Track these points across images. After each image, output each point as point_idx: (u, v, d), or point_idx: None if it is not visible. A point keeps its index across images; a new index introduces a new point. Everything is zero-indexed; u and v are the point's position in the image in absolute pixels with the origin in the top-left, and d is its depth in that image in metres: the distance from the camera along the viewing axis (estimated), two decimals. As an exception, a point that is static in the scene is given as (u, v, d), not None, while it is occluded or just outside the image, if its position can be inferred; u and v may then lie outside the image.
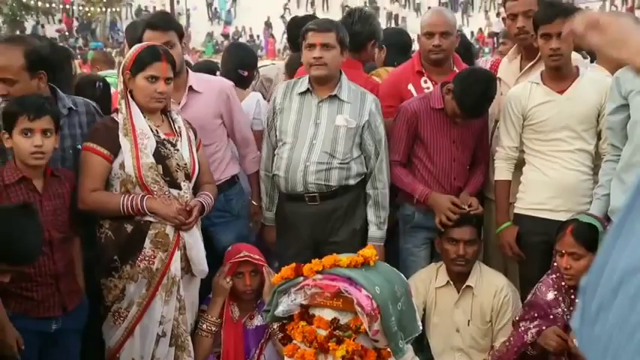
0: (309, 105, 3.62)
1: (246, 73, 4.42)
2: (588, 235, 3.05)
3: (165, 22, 3.59)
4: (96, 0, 35.57)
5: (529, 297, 3.33)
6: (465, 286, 3.65)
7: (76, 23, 36.68)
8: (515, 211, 3.66)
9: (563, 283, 3.16)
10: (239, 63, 4.46)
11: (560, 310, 3.17)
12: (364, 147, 3.65)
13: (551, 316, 3.17)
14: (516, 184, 3.68)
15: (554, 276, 3.21)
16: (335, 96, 3.60)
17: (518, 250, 3.63)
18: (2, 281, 2.62)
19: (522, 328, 3.27)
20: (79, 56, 18.18)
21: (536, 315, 3.22)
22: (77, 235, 3.21)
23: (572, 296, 3.14)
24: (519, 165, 3.69)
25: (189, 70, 3.72)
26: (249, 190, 3.98)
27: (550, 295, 3.20)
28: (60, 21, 36.64)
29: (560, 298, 3.17)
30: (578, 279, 3.08)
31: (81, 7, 36.86)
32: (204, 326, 3.45)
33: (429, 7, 29.35)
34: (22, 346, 2.90)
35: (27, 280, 2.95)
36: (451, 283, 3.68)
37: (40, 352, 3.03)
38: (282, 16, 35.03)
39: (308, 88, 3.62)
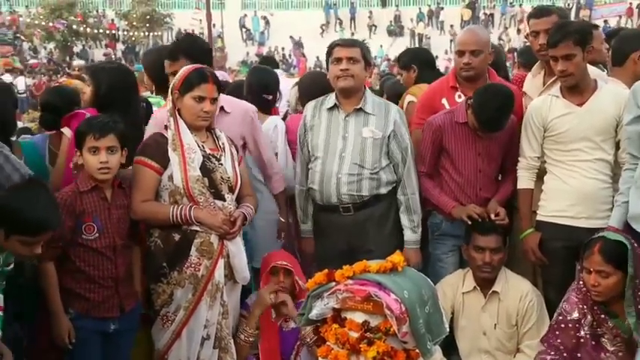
0: (336, 120, 3.68)
1: (269, 97, 4.34)
2: (616, 253, 3.02)
3: (175, 52, 3.60)
4: (139, 25, 36.12)
5: (555, 317, 3.29)
6: (491, 291, 3.65)
7: (122, 47, 37.25)
8: (538, 218, 3.65)
9: (586, 304, 3.12)
10: (264, 87, 4.35)
11: (583, 332, 3.13)
12: (392, 156, 3.68)
13: (574, 340, 3.13)
14: (539, 192, 3.67)
15: (577, 294, 3.17)
16: (360, 109, 3.65)
17: (541, 255, 3.61)
18: (36, 253, 2.68)
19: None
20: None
21: (559, 345, 3.18)
22: (136, 244, 3.31)
23: (598, 312, 3.11)
24: (541, 174, 3.68)
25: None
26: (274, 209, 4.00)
27: (575, 315, 3.16)
28: (106, 45, 37.28)
29: (585, 317, 3.13)
30: (607, 296, 3.08)
31: (125, 32, 37.45)
32: (242, 337, 3.48)
33: (451, 26, 29.14)
34: (73, 339, 3.00)
35: (91, 282, 3.08)
36: (478, 288, 3.68)
37: (99, 350, 3.13)
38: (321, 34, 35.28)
39: (335, 104, 3.67)
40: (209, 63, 3.53)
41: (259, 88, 4.30)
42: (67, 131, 3.45)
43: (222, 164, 3.28)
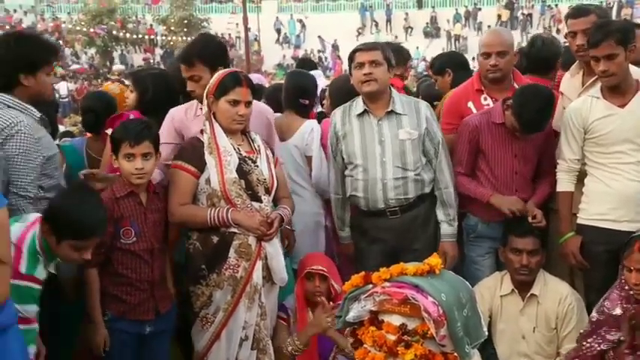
0: (369, 125, 3.65)
1: (307, 102, 4.32)
2: None
3: (189, 56, 3.50)
4: (177, 29, 36.59)
5: (595, 314, 3.24)
6: (529, 294, 3.61)
7: (160, 51, 37.76)
8: (579, 221, 3.59)
9: (629, 302, 3.07)
10: (300, 91, 4.30)
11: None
12: (426, 152, 3.67)
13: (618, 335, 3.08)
14: (579, 194, 3.61)
15: (620, 291, 3.13)
16: (392, 111, 3.63)
17: (582, 259, 3.55)
18: (86, 259, 2.73)
19: (586, 346, 3.19)
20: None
21: (604, 334, 3.13)
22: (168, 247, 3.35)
23: None
24: (581, 177, 3.62)
25: None
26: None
27: (618, 311, 3.12)
28: (145, 50, 37.85)
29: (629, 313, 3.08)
30: None
31: (164, 37, 37.96)
32: (290, 349, 3.41)
33: (489, 26, 28.75)
34: (107, 347, 3.06)
35: (128, 285, 3.13)
36: (516, 291, 3.64)
37: (134, 352, 3.18)
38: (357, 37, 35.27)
39: (365, 109, 3.65)
40: (225, 64, 3.50)
41: (295, 92, 4.29)
42: (110, 132, 3.55)
43: (257, 166, 3.30)
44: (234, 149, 3.26)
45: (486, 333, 2.71)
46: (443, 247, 3.67)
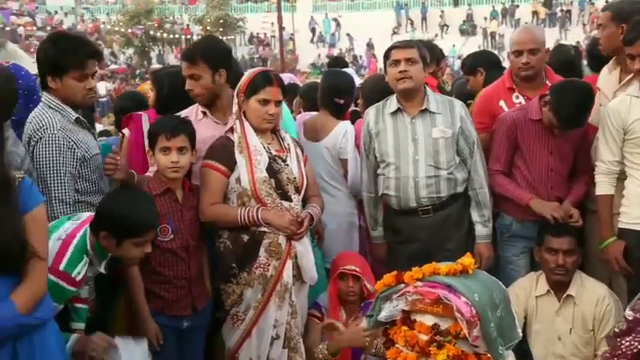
0: (402, 123, 3.63)
1: (342, 102, 4.26)
2: None
3: (193, 54, 3.42)
4: (213, 29, 36.94)
5: (630, 311, 3.15)
6: (565, 295, 3.55)
7: (196, 51, 38.15)
8: (620, 225, 3.49)
9: None
10: (335, 91, 4.24)
11: None
12: (460, 152, 3.64)
13: None
14: (619, 196, 3.52)
15: None
16: (425, 110, 3.61)
17: (626, 264, 3.46)
18: (147, 252, 2.77)
19: (626, 344, 3.12)
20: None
21: None
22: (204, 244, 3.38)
23: None
24: (621, 177, 3.53)
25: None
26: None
27: None
28: (181, 50, 38.31)
29: None
30: None
31: (200, 36, 38.40)
32: (320, 356, 3.33)
33: (526, 23, 28.45)
34: (161, 340, 3.11)
35: (166, 282, 3.18)
36: (551, 291, 3.58)
37: (174, 346, 3.22)
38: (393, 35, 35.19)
39: (399, 107, 3.63)
40: (228, 66, 3.46)
41: (330, 92, 4.25)
42: (126, 132, 3.65)
43: (287, 165, 3.30)
44: (265, 148, 3.27)
45: (521, 334, 2.67)
46: (478, 248, 3.63)
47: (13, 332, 2.19)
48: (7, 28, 32.76)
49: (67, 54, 2.98)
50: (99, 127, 8.34)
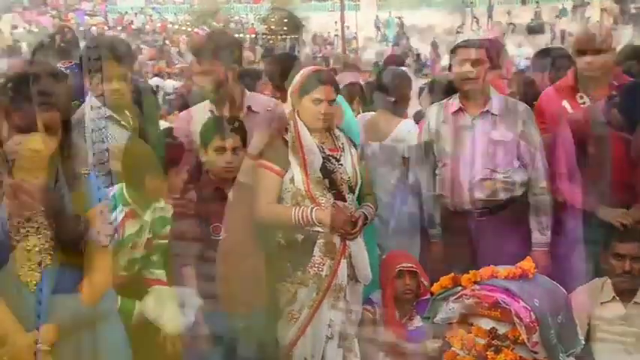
0: (462, 123, 3.58)
1: (393, 99, 4.25)
2: None
3: (204, 50, 3.43)
4: (277, 29, 37.30)
5: None
6: (632, 302, 3.42)
7: (261, 50, 38.67)
8: None
9: None
10: (387, 90, 4.28)
11: None
12: (521, 156, 3.56)
13: None
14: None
15: None
16: (487, 111, 3.54)
17: None
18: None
19: None
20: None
21: None
22: None
23: None
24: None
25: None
26: None
27: None
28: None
29: None
30: None
31: (264, 36, 38.82)
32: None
33: (597, 22, 27.44)
34: None
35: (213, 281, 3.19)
36: (617, 298, 3.45)
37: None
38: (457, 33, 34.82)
39: (460, 107, 3.58)
40: (238, 60, 3.45)
41: (383, 90, 4.27)
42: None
43: (341, 164, 3.29)
44: (318, 148, 3.27)
45: (583, 342, 2.60)
46: (534, 256, 3.52)
47: (80, 324, 2.26)
48: (81, 28, 33.96)
49: (89, 53, 3.08)
50: (165, 124, 8.53)
